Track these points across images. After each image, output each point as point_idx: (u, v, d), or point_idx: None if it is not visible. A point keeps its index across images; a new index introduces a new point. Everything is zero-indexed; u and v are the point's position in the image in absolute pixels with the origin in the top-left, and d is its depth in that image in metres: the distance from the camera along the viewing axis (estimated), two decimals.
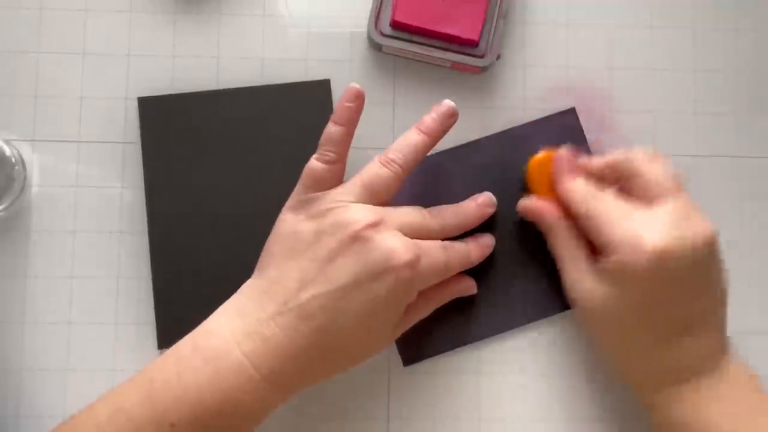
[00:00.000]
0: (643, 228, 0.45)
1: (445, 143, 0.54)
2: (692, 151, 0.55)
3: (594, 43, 0.55)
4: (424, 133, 0.48)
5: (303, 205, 0.47)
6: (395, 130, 0.54)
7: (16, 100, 0.54)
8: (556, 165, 0.50)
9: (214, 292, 0.52)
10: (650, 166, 0.48)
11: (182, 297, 0.52)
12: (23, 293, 0.52)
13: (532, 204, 0.51)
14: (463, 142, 0.54)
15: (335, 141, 0.47)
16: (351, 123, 0.48)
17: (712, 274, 0.46)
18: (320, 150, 0.48)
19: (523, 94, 0.55)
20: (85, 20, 0.54)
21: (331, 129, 0.48)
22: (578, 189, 0.49)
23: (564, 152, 0.50)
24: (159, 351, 0.52)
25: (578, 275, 0.48)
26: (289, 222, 0.47)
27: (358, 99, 0.48)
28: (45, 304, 0.52)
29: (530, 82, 0.55)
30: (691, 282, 0.45)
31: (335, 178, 0.48)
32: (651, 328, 0.46)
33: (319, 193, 0.47)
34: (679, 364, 0.46)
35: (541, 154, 0.51)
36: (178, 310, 0.52)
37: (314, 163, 0.47)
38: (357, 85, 0.48)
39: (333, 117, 0.48)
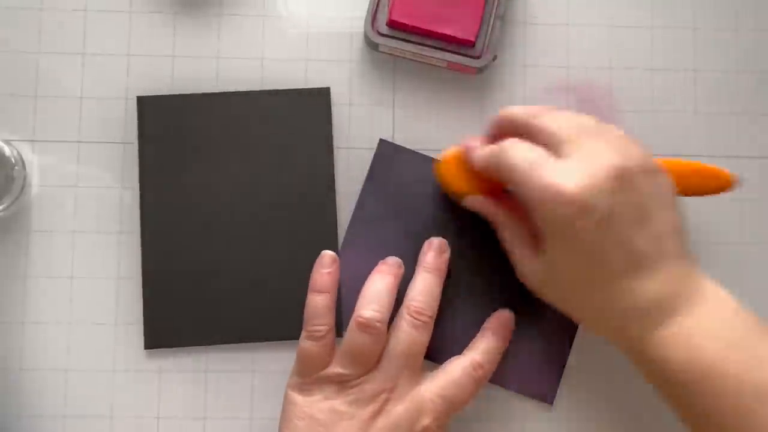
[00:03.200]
0: (555, 176, 0.42)
1: (446, 144, 0.54)
2: (692, 151, 0.55)
3: (594, 43, 0.55)
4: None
5: (319, 387, 0.48)
6: (395, 130, 0.54)
7: (16, 100, 0.54)
8: (462, 150, 0.49)
9: (204, 294, 0.52)
10: (548, 119, 0.45)
11: (172, 298, 0.52)
12: (23, 293, 0.52)
13: (473, 200, 0.50)
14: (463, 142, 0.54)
15: (322, 312, 0.48)
16: (333, 288, 0.49)
17: (644, 203, 0.43)
18: (308, 327, 0.48)
19: (523, 94, 0.55)
20: (85, 20, 0.54)
21: (316, 300, 0.48)
22: (486, 150, 0.47)
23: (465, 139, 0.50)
24: (145, 351, 0.52)
25: (522, 258, 0.47)
26: (300, 404, 0.48)
27: (335, 264, 0.49)
28: (45, 304, 0.52)
29: (530, 82, 0.55)
30: (621, 218, 0.43)
31: (328, 348, 0.48)
32: (602, 278, 0.43)
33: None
34: (647, 305, 0.43)
35: (447, 153, 0.50)
36: (167, 310, 0.52)
37: (307, 344, 0.48)
38: (330, 252, 0.50)
39: (313, 287, 0.49)
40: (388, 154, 0.53)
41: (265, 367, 0.52)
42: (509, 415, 0.53)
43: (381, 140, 0.53)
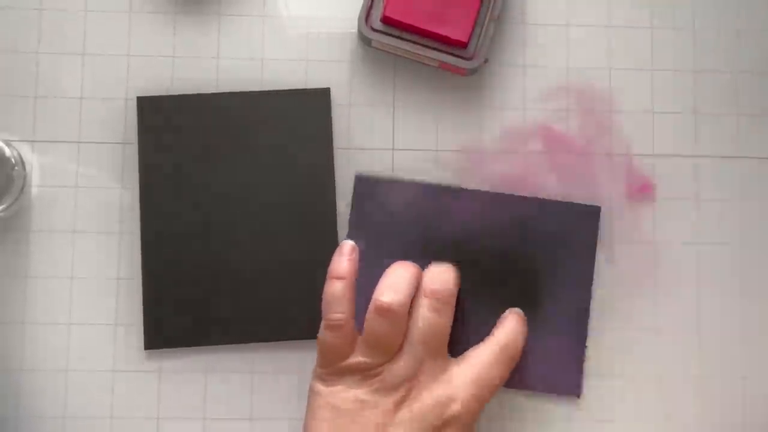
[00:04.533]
0: None
1: (446, 145, 0.54)
2: (692, 151, 0.55)
3: (594, 43, 0.55)
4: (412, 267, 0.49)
5: (338, 378, 0.48)
6: (395, 130, 0.54)
7: (16, 100, 0.54)
8: None
9: (204, 295, 0.52)
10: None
11: (172, 298, 0.52)
12: (23, 293, 0.52)
13: None
14: (462, 143, 0.54)
15: (339, 298, 0.47)
16: (351, 276, 0.48)
17: None
18: (327, 315, 0.47)
19: (522, 94, 0.55)
20: (85, 20, 0.54)
21: (335, 286, 0.47)
22: None
23: None
24: (145, 351, 0.52)
25: None
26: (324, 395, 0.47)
27: (354, 252, 0.49)
28: (45, 304, 0.52)
29: (530, 83, 0.55)
30: None
31: (349, 339, 0.47)
32: None
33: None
34: None
35: None
36: (167, 311, 0.52)
37: (326, 336, 0.47)
38: (350, 241, 0.49)
39: (331, 273, 0.48)
40: (367, 189, 0.53)
41: (265, 367, 0.52)
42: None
43: (357, 176, 0.53)
